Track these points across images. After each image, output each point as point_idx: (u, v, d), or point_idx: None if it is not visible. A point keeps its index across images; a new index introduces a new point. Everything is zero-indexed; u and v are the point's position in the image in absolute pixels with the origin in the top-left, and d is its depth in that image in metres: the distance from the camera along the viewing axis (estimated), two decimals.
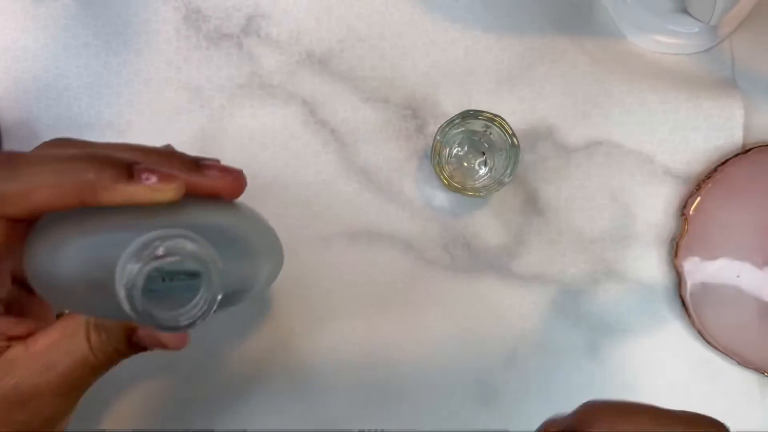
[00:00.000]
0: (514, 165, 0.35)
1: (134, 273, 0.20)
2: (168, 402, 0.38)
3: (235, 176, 0.26)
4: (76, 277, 0.23)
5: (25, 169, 0.23)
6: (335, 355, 0.39)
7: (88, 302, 0.24)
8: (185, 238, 0.21)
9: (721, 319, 0.38)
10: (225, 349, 0.38)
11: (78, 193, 0.22)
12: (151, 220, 0.23)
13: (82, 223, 0.23)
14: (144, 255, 0.20)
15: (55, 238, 0.23)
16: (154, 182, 0.23)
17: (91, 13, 0.39)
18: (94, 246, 0.23)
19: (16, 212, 0.23)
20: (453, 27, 0.39)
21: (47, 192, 0.22)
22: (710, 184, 0.38)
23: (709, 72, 0.40)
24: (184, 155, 0.26)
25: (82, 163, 0.23)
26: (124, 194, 0.23)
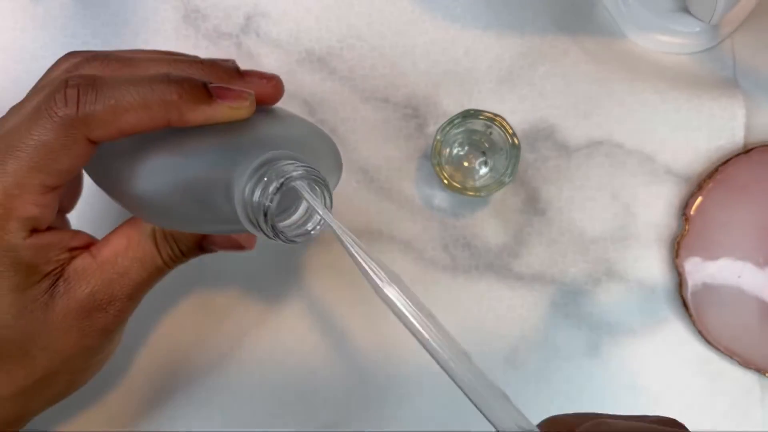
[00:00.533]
0: (514, 165, 0.35)
1: (267, 195, 0.22)
2: (167, 402, 0.38)
3: (275, 81, 0.27)
4: (179, 196, 0.24)
5: (109, 91, 0.23)
6: (335, 354, 0.39)
7: (190, 220, 0.26)
8: (293, 159, 0.23)
9: (722, 320, 0.38)
10: (224, 350, 0.38)
11: (165, 114, 0.23)
12: (240, 137, 0.25)
13: (179, 144, 0.24)
14: (270, 178, 0.22)
15: (156, 159, 0.24)
16: (231, 101, 0.24)
17: (89, 12, 0.39)
18: (196, 166, 0.24)
19: (102, 134, 0.23)
20: (453, 26, 0.39)
21: (135, 114, 0.23)
22: (711, 184, 0.38)
23: (711, 72, 0.40)
24: (223, 64, 0.26)
25: (163, 84, 0.23)
26: (206, 114, 0.24)
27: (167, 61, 0.25)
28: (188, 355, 0.38)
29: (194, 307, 0.39)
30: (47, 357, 0.26)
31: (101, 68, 0.24)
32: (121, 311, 0.27)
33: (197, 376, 0.38)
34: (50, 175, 0.23)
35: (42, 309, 0.26)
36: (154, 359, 0.38)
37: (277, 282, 0.39)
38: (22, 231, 0.24)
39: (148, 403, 0.38)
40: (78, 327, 0.26)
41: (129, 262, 0.27)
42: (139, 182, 0.25)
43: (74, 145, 0.23)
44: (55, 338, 0.26)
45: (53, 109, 0.22)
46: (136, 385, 0.38)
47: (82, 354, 0.27)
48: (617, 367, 0.39)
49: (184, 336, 0.38)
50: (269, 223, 0.22)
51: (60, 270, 0.26)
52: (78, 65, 0.25)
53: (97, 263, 0.27)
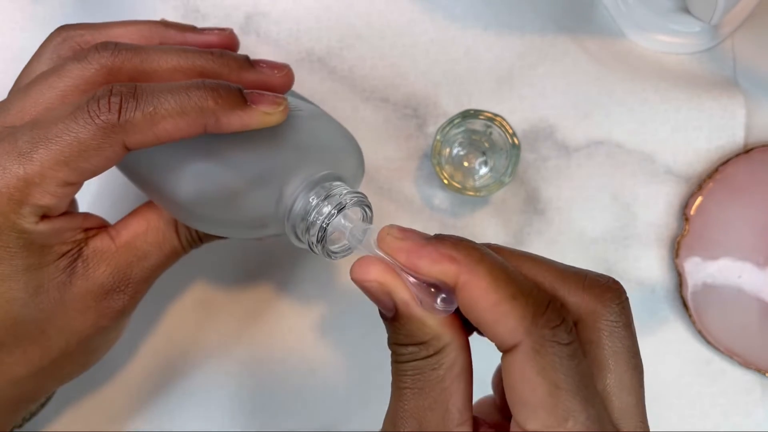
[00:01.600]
0: (514, 165, 0.35)
1: (322, 220, 0.24)
2: (165, 402, 0.38)
3: (286, 70, 0.28)
4: (212, 203, 0.25)
5: (148, 99, 0.23)
6: (335, 354, 0.39)
7: (220, 225, 0.27)
8: (339, 179, 0.26)
9: (723, 320, 0.38)
10: (224, 349, 0.38)
11: (201, 120, 0.24)
12: (278, 146, 0.26)
13: (216, 150, 0.25)
14: (326, 201, 0.25)
15: (193, 165, 0.25)
16: (265, 106, 0.24)
17: (89, 12, 0.39)
18: (232, 174, 0.25)
19: (139, 140, 0.23)
20: (453, 26, 0.39)
21: (173, 121, 0.23)
22: (712, 183, 0.38)
23: (711, 71, 0.40)
24: (234, 55, 0.27)
25: (200, 91, 0.24)
26: (242, 119, 0.24)
27: (177, 51, 0.26)
28: (187, 354, 0.38)
29: (193, 305, 0.39)
30: (64, 337, 0.26)
31: (112, 58, 0.25)
32: (138, 293, 0.28)
33: (197, 375, 0.38)
34: (75, 171, 0.23)
35: (59, 288, 0.26)
36: (153, 358, 0.38)
37: (277, 281, 0.39)
38: (33, 216, 0.24)
39: (148, 402, 0.38)
40: (96, 308, 0.27)
41: (147, 246, 0.28)
42: (175, 186, 0.26)
43: (109, 148, 0.23)
44: (72, 318, 0.26)
45: (95, 112, 0.23)
46: (136, 384, 0.38)
47: (98, 334, 0.27)
48: None
49: (184, 335, 0.38)
50: (323, 243, 0.25)
51: (77, 250, 0.26)
52: (89, 56, 0.25)
53: (116, 245, 0.27)
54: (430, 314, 0.21)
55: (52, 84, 0.25)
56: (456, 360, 0.21)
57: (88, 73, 0.24)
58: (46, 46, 0.28)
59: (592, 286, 0.22)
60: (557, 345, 0.19)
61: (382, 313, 0.22)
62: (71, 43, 0.28)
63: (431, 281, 0.21)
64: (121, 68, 0.25)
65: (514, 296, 0.20)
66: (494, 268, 0.20)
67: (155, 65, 0.25)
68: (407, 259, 0.21)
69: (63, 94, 0.24)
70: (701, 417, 0.39)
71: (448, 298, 0.21)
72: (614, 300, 0.22)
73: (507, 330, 0.19)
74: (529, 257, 0.22)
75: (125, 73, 0.25)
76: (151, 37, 0.28)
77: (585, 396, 0.19)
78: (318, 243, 0.25)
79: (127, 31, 0.28)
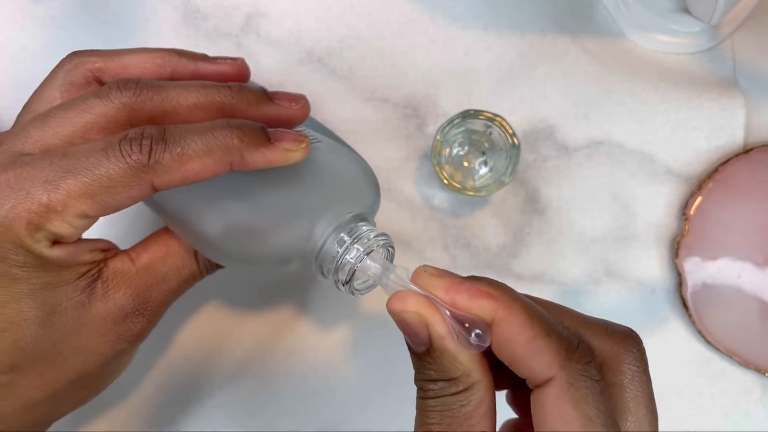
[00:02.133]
0: (514, 165, 0.35)
1: (353, 263, 0.26)
2: (165, 402, 0.38)
3: (303, 102, 0.28)
4: (236, 239, 0.26)
5: (176, 140, 0.24)
6: (335, 354, 0.39)
7: (244, 260, 0.27)
8: (365, 221, 0.27)
9: (722, 320, 0.38)
10: (224, 349, 0.38)
11: (227, 158, 0.24)
12: (301, 185, 0.27)
13: (247, 190, 0.26)
14: (355, 242, 0.26)
15: (222, 205, 0.26)
16: (288, 143, 0.25)
17: (89, 12, 0.39)
18: (258, 212, 0.26)
19: (167, 181, 0.24)
20: (453, 26, 0.39)
21: (200, 161, 0.24)
22: (711, 183, 0.38)
23: (711, 71, 0.40)
24: (252, 88, 0.27)
25: (225, 130, 0.24)
26: (266, 157, 0.25)
27: (196, 88, 0.26)
28: (187, 355, 0.38)
29: (194, 307, 0.39)
30: (80, 359, 0.26)
31: (134, 98, 0.25)
32: (155, 316, 0.28)
33: (197, 376, 0.38)
34: (98, 205, 0.24)
35: (78, 309, 0.26)
36: (153, 360, 0.38)
37: (278, 282, 0.39)
38: (46, 241, 0.24)
39: (148, 403, 0.38)
40: (114, 330, 0.27)
41: (167, 270, 0.28)
42: (202, 223, 0.26)
43: (137, 187, 0.24)
44: (90, 340, 0.26)
45: (127, 152, 0.23)
46: (136, 384, 0.38)
47: (115, 358, 0.27)
48: None
49: (183, 336, 0.38)
50: (350, 283, 0.26)
51: (97, 271, 0.26)
52: (111, 94, 0.25)
53: (136, 268, 0.27)
54: (462, 350, 0.22)
55: (73, 119, 0.25)
56: (484, 398, 0.22)
57: (110, 111, 0.25)
58: (58, 71, 0.28)
59: (615, 333, 0.23)
60: (590, 380, 0.20)
61: (411, 347, 0.23)
62: (83, 69, 0.28)
63: (465, 317, 0.22)
64: (142, 107, 0.25)
65: (548, 333, 0.21)
66: (528, 306, 0.21)
67: (175, 103, 0.25)
68: (446, 294, 0.22)
69: (84, 129, 0.25)
70: (701, 417, 0.39)
71: (482, 335, 0.21)
72: (635, 346, 0.23)
73: (542, 364, 0.20)
74: (553, 304, 0.24)
75: (147, 111, 0.25)
76: (163, 65, 0.28)
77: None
78: (346, 284, 0.26)
79: (140, 60, 0.28)
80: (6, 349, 0.25)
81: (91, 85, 0.28)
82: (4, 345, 0.25)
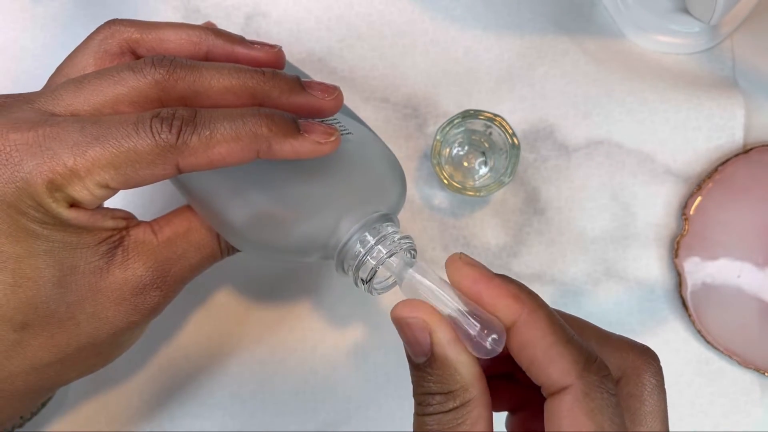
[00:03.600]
0: (514, 165, 0.35)
1: (376, 262, 0.26)
2: (165, 402, 0.38)
3: (336, 94, 0.27)
4: (271, 230, 0.26)
5: (206, 123, 0.24)
6: (335, 354, 0.39)
7: (274, 251, 0.27)
8: (391, 222, 0.27)
9: (722, 319, 0.38)
10: (224, 349, 0.38)
11: (254, 146, 0.24)
12: (330, 176, 0.26)
13: (276, 180, 0.26)
14: (376, 247, 0.26)
15: (250, 193, 0.26)
16: (317, 136, 0.25)
17: (90, 12, 0.39)
18: (289, 203, 0.26)
19: (193, 163, 0.24)
20: (453, 26, 0.39)
21: (227, 146, 0.24)
22: (711, 183, 0.38)
23: (710, 71, 0.40)
24: (286, 76, 0.27)
25: (255, 118, 0.24)
26: (293, 147, 0.24)
27: (230, 70, 0.25)
28: (188, 354, 0.38)
29: (194, 306, 0.39)
30: (93, 325, 0.26)
31: (167, 75, 0.25)
32: (172, 292, 0.28)
33: (197, 375, 0.38)
34: (121, 177, 0.23)
35: (95, 273, 0.25)
36: (153, 359, 0.38)
37: (277, 282, 0.39)
38: (64, 202, 0.24)
39: (148, 402, 0.38)
40: (130, 301, 0.26)
41: (188, 246, 0.28)
42: (227, 209, 0.26)
43: (161, 165, 0.23)
44: (105, 307, 0.26)
45: (157, 129, 0.23)
46: (136, 384, 0.38)
47: (128, 329, 0.27)
48: None
49: (184, 335, 0.38)
50: (370, 282, 0.26)
51: (119, 238, 0.26)
52: (145, 69, 0.25)
53: (158, 240, 0.27)
54: (463, 361, 0.22)
55: (105, 88, 0.25)
56: (480, 417, 0.22)
57: (143, 86, 0.24)
58: (93, 38, 0.28)
59: (636, 346, 0.23)
60: (606, 393, 0.20)
61: (410, 359, 0.23)
62: (119, 39, 0.28)
63: (484, 317, 0.22)
64: (174, 86, 0.25)
65: (568, 341, 0.21)
66: (552, 314, 0.22)
67: (207, 85, 0.25)
68: (473, 286, 0.22)
69: (115, 101, 0.25)
70: (701, 416, 0.39)
71: (498, 339, 0.21)
72: (655, 361, 0.23)
73: (560, 371, 0.21)
74: (574, 317, 0.24)
75: (178, 90, 0.25)
76: (199, 44, 0.28)
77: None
78: (366, 282, 0.26)
79: (177, 35, 0.28)
80: (19, 306, 0.24)
81: (126, 55, 0.28)
82: (18, 301, 0.24)
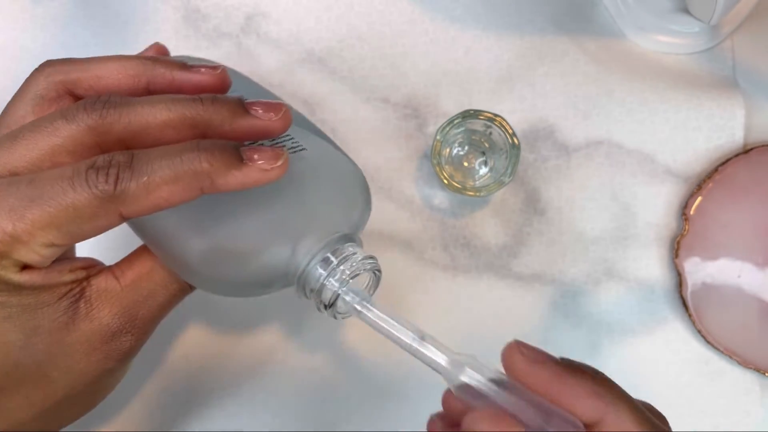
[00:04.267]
0: (514, 165, 0.35)
1: (337, 287, 0.25)
2: (165, 402, 0.38)
3: (282, 112, 0.25)
4: (215, 265, 0.25)
5: (143, 167, 0.23)
6: (335, 355, 0.39)
7: (233, 287, 0.26)
8: (352, 242, 0.26)
9: (722, 319, 0.38)
10: (224, 350, 0.38)
11: (196, 184, 0.23)
12: (282, 200, 0.25)
13: (225, 212, 0.25)
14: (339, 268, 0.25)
15: (199, 228, 0.25)
16: (262, 165, 0.23)
17: (90, 12, 0.39)
18: (238, 236, 0.25)
19: (135, 210, 0.23)
20: (453, 26, 0.39)
21: (168, 188, 0.23)
22: (711, 184, 0.38)
23: (710, 72, 0.40)
24: (226, 99, 0.25)
25: (194, 153, 0.23)
26: (237, 179, 0.23)
27: (166, 103, 0.25)
28: (188, 355, 0.38)
29: (194, 307, 0.39)
30: (68, 379, 0.26)
31: (101, 120, 0.24)
32: (144, 333, 0.27)
33: (197, 376, 0.38)
34: (65, 235, 0.23)
35: (61, 330, 0.25)
36: (153, 360, 0.38)
37: None
38: (14, 267, 0.24)
39: (148, 402, 0.38)
40: (102, 349, 0.26)
41: (154, 285, 0.27)
42: (179, 248, 0.25)
43: (104, 216, 0.23)
44: (76, 360, 0.26)
45: (93, 182, 0.22)
46: (136, 385, 0.38)
47: (104, 376, 0.27)
48: (617, 367, 0.39)
49: (184, 336, 0.38)
50: (333, 306, 0.25)
51: (80, 291, 0.26)
52: (78, 116, 0.24)
53: (121, 285, 0.26)
54: None
55: (40, 142, 0.24)
56: None
57: (77, 134, 0.24)
58: (29, 84, 0.27)
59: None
60: None
61: None
62: (55, 82, 0.27)
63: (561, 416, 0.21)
64: (110, 129, 0.24)
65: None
66: (636, 406, 0.21)
67: (144, 122, 0.24)
68: (548, 388, 0.21)
69: (52, 153, 0.24)
70: (701, 417, 0.39)
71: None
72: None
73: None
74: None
75: (115, 133, 0.24)
76: (138, 76, 0.27)
77: None
78: (328, 307, 0.25)
79: (114, 70, 0.27)
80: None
81: (64, 98, 0.27)
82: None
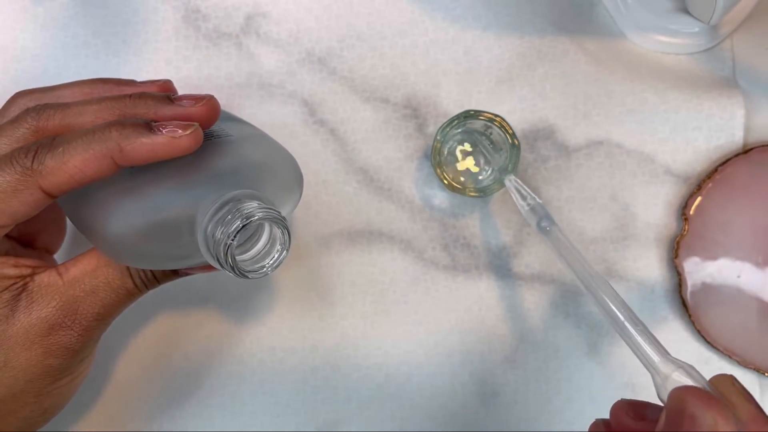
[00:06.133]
0: (514, 165, 0.35)
1: (227, 235, 0.23)
2: (165, 402, 0.38)
3: (206, 101, 0.27)
4: (140, 237, 0.25)
5: (61, 143, 0.25)
6: (335, 355, 0.39)
7: (154, 259, 0.26)
8: (253, 197, 0.24)
9: (722, 320, 0.38)
10: (224, 349, 0.38)
11: (107, 153, 0.24)
12: (196, 172, 0.26)
13: (136, 185, 0.25)
14: (232, 218, 0.23)
15: (116, 202, 0.26)
16: (170, 132, 0.25)
17: (90, 12, 0.39)
18: (154, 207, 0.25)
19: (54, 182, 0.25)
20: (453, 26, 0.39)
21: (80, 158, 0.24)
22: (711, 184, 0.38)
23: (710, 72, 0.40)
24: (153, 94, 0.27)
25: (104, 126, 0.25)
26: (146, 147, 0.24)
27: (97, 101, 0.27)
28: (187, 354, 0.38)
29: (193, 305, 0.39)
30: (9, 375, 0.26)
31: (38, 118, 0.26)
32: (87, 330, 0.28)
33: (197, 375, 0.38)
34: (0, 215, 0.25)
35: (1, 322, 0.26)
36: (153, 358, 0.38)
37: (277, 282, 0.39)
38: None
39: (148, 403, 0.38)
40: (41, 344, 0.27)
41: (97, 282, 0.28)
42: (99, 224, 0.26)
43: (26, 191, 0.25)
44: (16, 354, 0.26)
45: (15, 160, 0.25)
46: (135, 385, 0.38)
47: (46, 374, 0.27)
48: (617, 367, 0.39)
49: (184, 335, 0.38)
50: (229, 259, 0.24)
51: (22, 285, 0.27)
52: (20, 118, 0.27)
53: (63, 281, 0.27)
54: None
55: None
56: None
57: (20, 133, 0.26)
58: (2, 116, 0.29)
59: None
60: None
61: None
62: (25, 106, 0.29)
63: None
64: (46, 125, 0.26)
65: None
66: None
67: (77, 118, 0.26)
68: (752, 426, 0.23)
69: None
70: None
71: None
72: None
73: None
74: None
75: (50, 128, 0.26)
76: (91, 93, 0.29)
77: None
78: (226, 262, 0.24)
79: (71, 92, 0.29)
80: None
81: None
82: None
